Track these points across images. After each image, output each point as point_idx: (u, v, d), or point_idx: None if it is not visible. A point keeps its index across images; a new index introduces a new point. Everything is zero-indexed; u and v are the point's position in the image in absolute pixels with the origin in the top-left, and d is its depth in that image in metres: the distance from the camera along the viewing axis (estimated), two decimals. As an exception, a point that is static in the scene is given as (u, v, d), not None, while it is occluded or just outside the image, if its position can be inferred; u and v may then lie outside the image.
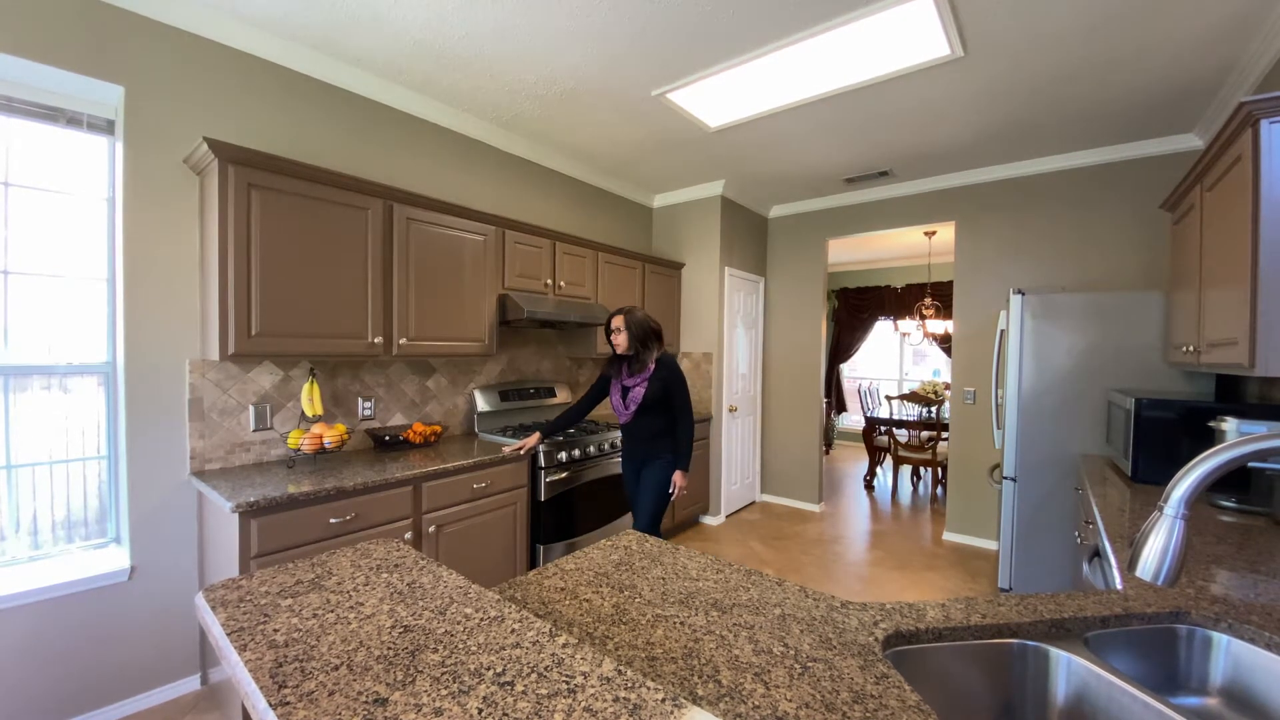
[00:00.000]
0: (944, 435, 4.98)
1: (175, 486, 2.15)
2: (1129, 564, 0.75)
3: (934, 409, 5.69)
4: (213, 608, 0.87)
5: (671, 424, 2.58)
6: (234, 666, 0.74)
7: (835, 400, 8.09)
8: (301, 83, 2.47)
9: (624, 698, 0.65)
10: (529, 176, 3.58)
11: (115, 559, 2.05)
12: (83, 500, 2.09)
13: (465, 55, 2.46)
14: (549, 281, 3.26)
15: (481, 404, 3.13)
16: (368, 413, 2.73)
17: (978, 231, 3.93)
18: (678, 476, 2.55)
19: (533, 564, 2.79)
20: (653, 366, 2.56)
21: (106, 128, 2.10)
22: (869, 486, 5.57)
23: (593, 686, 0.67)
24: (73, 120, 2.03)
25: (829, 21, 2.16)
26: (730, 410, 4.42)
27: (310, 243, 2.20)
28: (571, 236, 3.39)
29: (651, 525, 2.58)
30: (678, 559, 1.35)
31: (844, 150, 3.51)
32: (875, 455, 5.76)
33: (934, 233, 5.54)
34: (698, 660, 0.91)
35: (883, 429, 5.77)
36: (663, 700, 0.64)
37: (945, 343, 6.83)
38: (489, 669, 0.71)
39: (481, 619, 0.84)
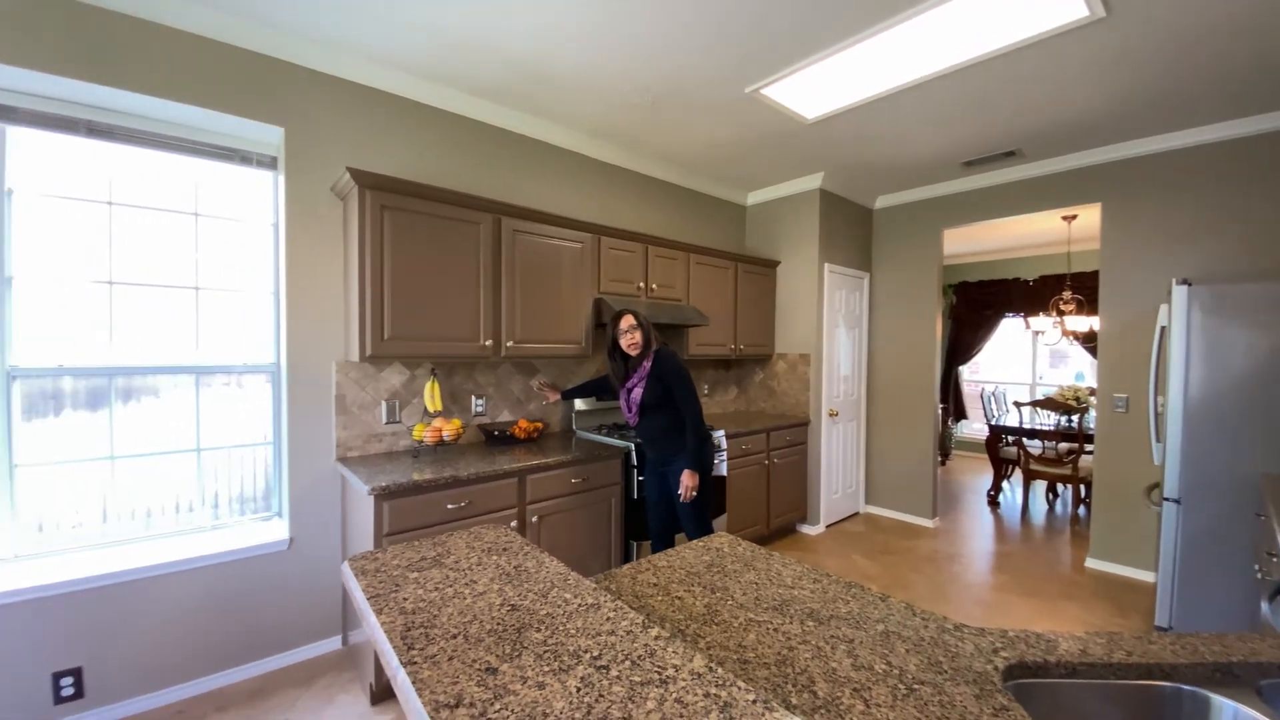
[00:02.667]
0: (1087, 447, 4.37)
1: (324, 470, 2.48)
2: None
3: (1075, 417, 5.02)
4: (356, 575, 1.00)
5: (680, 424, 2.44)
6: (372, 628, 0.85)
7: (953, 406, 7.39)
8: (419, 111, 2.74)
9: (714, 694, 0.66)
10: (623, 183, 3.68)
11: (277, 530, 2.41)
12: (253, 479, 2.49)
13: (563, 74, 2.59)
14: (641, 284, 3.32)
15: (578, 403, 3.27)
16: (479, 409, 2.96)
17: (1127, 214, 3.41)
18: (686, 476, 2.39)
19: (626, 559, 2.86)
20: (648, 364, 2.45)
21: (271, 163, 2.48)
22: (993, 502, 5.04)
23: (684, 680, 0.69)
24: (244, 158, 2.42)
25: (941, -4, 2.00)
26: (830, 415, 4.22)
27: (431, 256, 2.44)
28: (663, 239, 3.44)
29: (700, 531, 2.48)
30: (771, 565, 1.33)
31: (961, 131, 3.22)
32: (1001, 468, 5.20)
33: (1074, 217, 4.89)
34: (792, 669, 0.89)
35: (1011, 439, 5.19)
36: (754, 701, 0.64)
37: (1090, 341, 5.99)
38: (586, 651, 0.75)
39: (579, 605, 0.89)
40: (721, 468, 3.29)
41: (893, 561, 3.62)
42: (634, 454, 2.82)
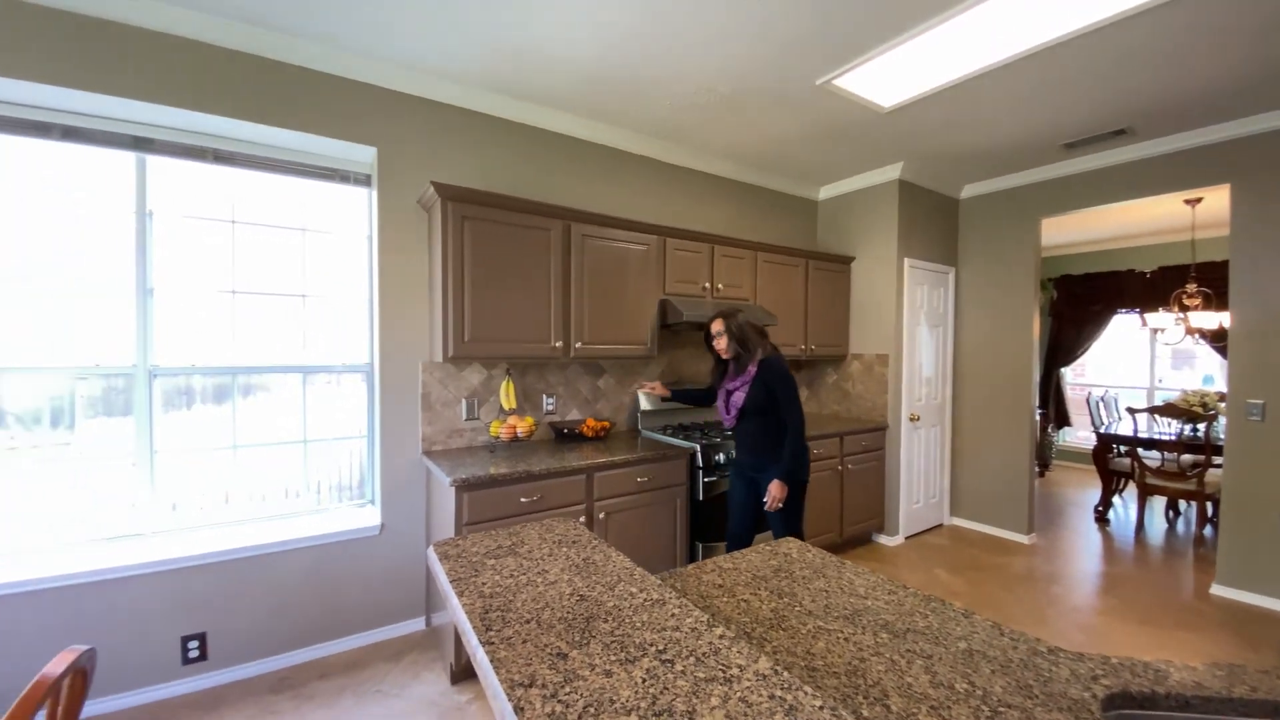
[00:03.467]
0: (1215, 460, 3.86)
1: (411, 462, 2.67)
2: None
3: (1201, 426, 4.44)
4: (440, 559, 1.08)
5: (777, 433, 2.37)
6: (455, 609, 0.91)
7: (1054, 412, 6.75)
8: (491, 123, 2.87)
9: (780, 696, 0.65)
10: (689, 184, 3.67)
11: (370, 516, 2.62)
12: (350, 469, 2.72)
13: (628, 80, 2.63)
14: (707, 285, 3.31)
15: (644, 403, 3.30)
16: (550, 408, 3.07)
17: (1261, 195, 2.98)
18: (775, 487, 2.31)
19: (691, 560, 2.85)
20: (754, 369, 2.39)
21: (365, 180, 2.70)
22: (1101, 519, 4.56)
23: (748, 680, 0.69)
24: (343, 177, 2.66)
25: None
26: (911, 419, 3.99)
27: (506, 261, 2.56)
28: (730, 239, 3.40)
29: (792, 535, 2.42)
30: (843, 574, 1.28)
31: (1060, 111, 2.95)
32: (1111, 481, 4.69)
33: (1198, 200, 4.33)
34: (863, 680, 0.86)
35: (1123, 449, 4.68)
36: (820, 707, 0.63)
37: (1219, 340, 5.27)
38: (652, 645, 0.77)
39: (645, 599, 0.91)
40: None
41: (980, 578, 3.37)
42: (699, 455, 2.81)
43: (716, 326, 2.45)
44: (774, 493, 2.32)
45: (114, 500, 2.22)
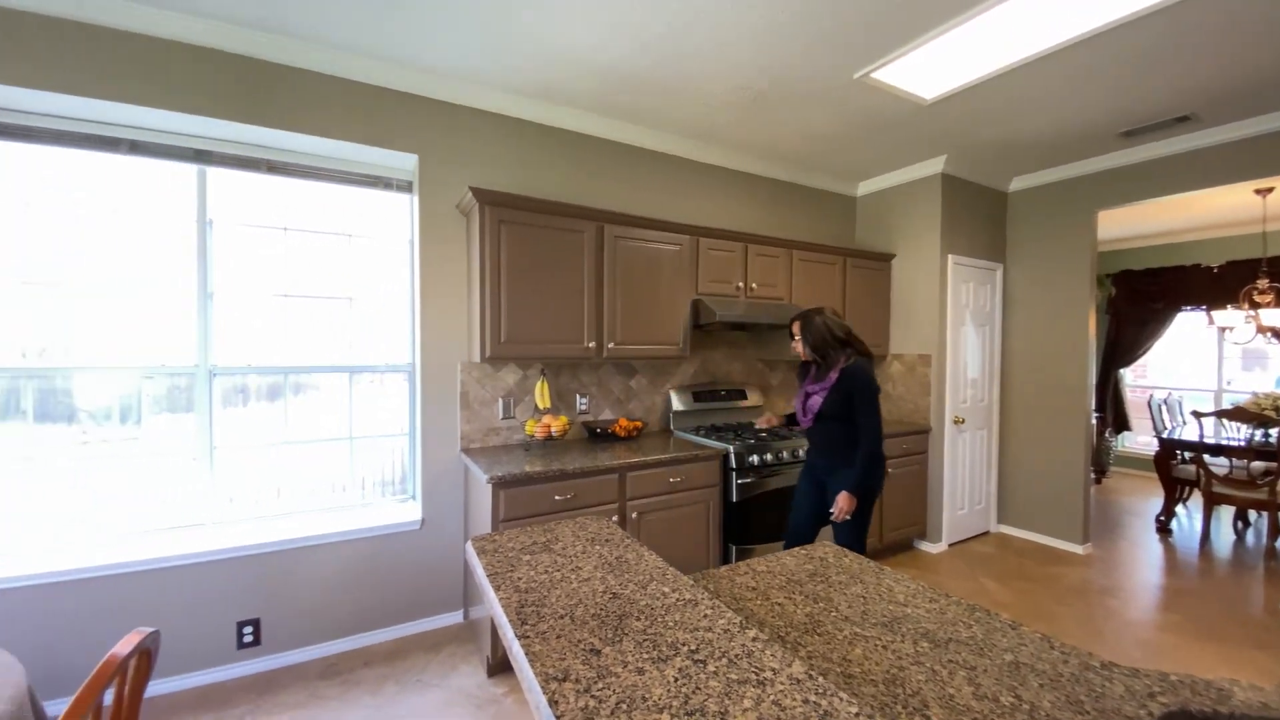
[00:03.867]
0: (1295, 469, 3.58)
1: (450, 459, 2.74)
2: None
3: (1273, 431, 4.13)
4: (477, 554, 1.11)
5: (853, 440, 2.31)
6: (491, 602, 0.93)
7: (1113, 415, 6.39)
8: (526, 128, 2.92)
9: (814, 702, 0.64)
10: (722, 182, 3.65)
11: (412, 511, 2.71)
12: (392, 465, 2.81)
13: (662, 80, 2.63)
14: (740, 284, 3.27)
15: (676, 403, 3.30)
16: (583, 407, 3.10)
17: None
18: (842, 499, 2.25)
19: (724, 562, 2.83)
20: (835, 376, 2.35)
21: (407, 187, 2.79)
22: (1163, 529, 4.29)
23: (782, 683, 0.68)
24: (386, 184, 2.75)
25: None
26: (956, 422, 3.85)
27: (541, 263, 2.60)
28: (764, 237, 3.36)
29: (856, 546, 2.35)
30: (882, 580, 1.25)
31: (1117, 98, 2.79)
32: (1175, 489, 4.41)
33: (1269, 190, 4.03)
34: (902, 689, 0.84)
35: (1188, 455, 4.39)
36: (856, 715, 0.62)
37: (1299, 340, 4.89)
38: (684, 644, 0.77)
39: (677, 599, 0.91)
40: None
41: (1030, 589, 3.22)
42: (732, 457, 2.79)
43: (794, 329, 2.44)
44: (841, 505, 2.26)
45: (176, 492, 2.37)
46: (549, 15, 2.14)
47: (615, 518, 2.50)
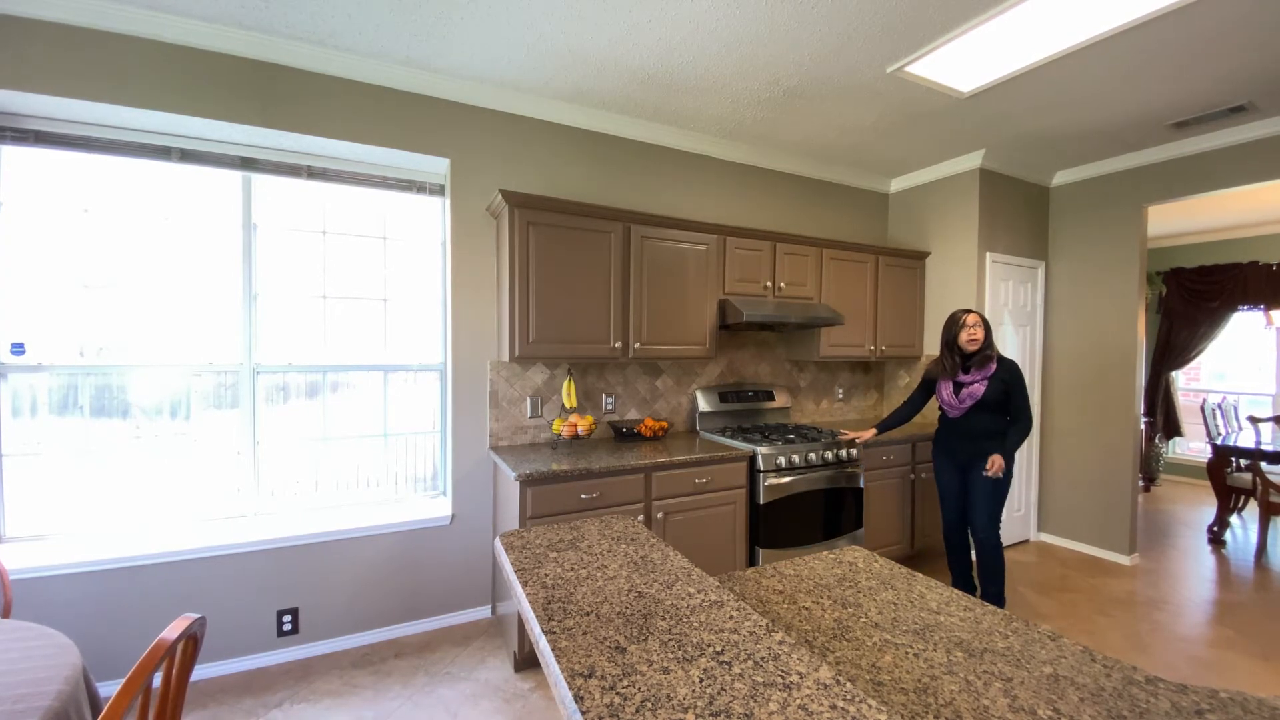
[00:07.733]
0: (1368, 479, 3.35)
1: (479, 457, 2.79)
2: None
3: (1347, 439, 3.87)
4: (505, 550, 1.13)
5: (1000, 427, 2.63)
6: (519, 598, 0.95)
7: (1163, 420, 6.09)
8: (554, 130, 2.95)
9: (841, 707, 0.63)
10: (751, 181, 3.61)
11: (442, 507, 2.77)
12: (424, 462, 2.88)
13: (690, 79, 2.62)
14: (768, 284, 3.24)
15: (702, 404, 3.28)
16: (609, 407, 3.11)
17: None
18: (996, 457, 2.57)
19: (751, 564, 2.80)
20: (993, 366, 2.61)
21: (439, 190, 2.85)
22: (1216, 540, 4.07)
23: (808, 688, 0.67)
24: (420, 188, 2.82)
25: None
26: (989, 424, 3.72)
27: (568, 264, 2.63)
28: (792, 236, 3.31)
29: (991, 523, 2.65)
30: (913, 586, 1.22)
31: (1167, 87, 2.66)
32: (1229, 498, 4.18)
33: (1344, 181, 3.77)
34: (934, 699, 0.82)
35: (1244, 462, 4.15)
36: (886, 722, 0.61)
37: (1373, 342, 4.57)
38: (709, 645, 0.77)
39: (703, 600, 0.91)
40: (858, 479, 3.09)
41: (1072, 600, 3.10)
42: (760, 458, 2.76)
43: (974, 319, 2.65)
44: (997, 460, 2.58)
45: (221, 485, 2.48)
46: (582, 17, 2.16)
47: (641, 517, 2.50)
